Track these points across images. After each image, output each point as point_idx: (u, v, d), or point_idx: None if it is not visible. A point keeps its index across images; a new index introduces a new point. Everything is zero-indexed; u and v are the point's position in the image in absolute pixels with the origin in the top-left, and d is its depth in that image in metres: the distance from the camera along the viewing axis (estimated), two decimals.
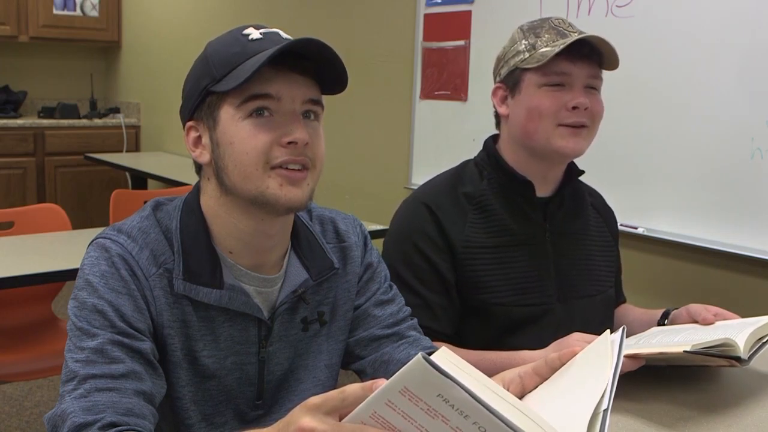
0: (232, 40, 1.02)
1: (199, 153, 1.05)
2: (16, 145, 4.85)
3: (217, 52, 1.02)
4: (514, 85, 1.41)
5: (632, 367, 1.18)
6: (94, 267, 1.00)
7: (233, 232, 1.05)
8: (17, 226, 2.51)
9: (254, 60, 0.97)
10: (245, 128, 0.99)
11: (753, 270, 2.20)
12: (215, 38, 1.06)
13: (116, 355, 0.94)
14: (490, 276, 1.39)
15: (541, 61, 1.35)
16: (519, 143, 1.43)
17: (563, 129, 1.36)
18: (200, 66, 1.04)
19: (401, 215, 1.47)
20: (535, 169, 1.44)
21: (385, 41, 3.37)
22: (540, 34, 1.39)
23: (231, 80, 0.98)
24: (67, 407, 0.90)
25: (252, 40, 1.00)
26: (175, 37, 4.85)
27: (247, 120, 0.99)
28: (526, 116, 1.38)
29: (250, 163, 0.99)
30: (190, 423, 1.07)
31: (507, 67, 1.42)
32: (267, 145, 0.99)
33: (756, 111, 2.12)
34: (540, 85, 1.36)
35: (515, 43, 1.42)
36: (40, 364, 2.32)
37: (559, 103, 1.35)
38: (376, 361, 1.18)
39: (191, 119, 1.05)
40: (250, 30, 1.03)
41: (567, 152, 1.38)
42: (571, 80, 1.36)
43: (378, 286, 1.22)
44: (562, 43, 1.34)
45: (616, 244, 1.61)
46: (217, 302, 1.04)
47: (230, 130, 1.00)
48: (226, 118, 1.00)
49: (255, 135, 0.99)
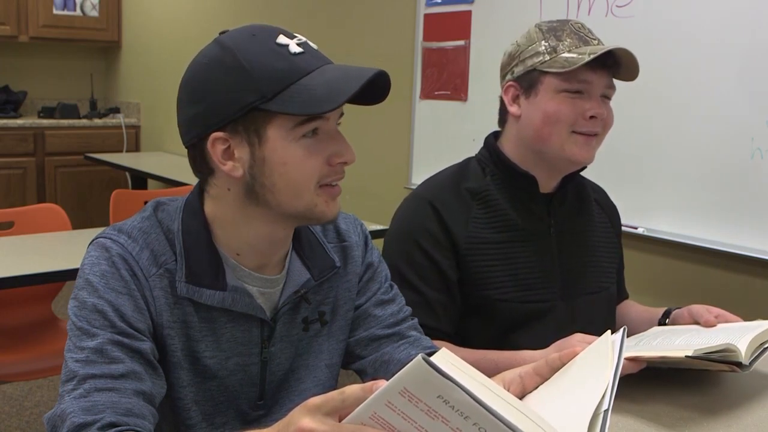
0: (272, 53, 0.97)
1: (231, 167, 0.99)
2: (16, 145, 4.85)
3: (259, 65, 0.96)
4: (530, 86, 1.39)
5: (633, 370, 1.18)
6: (94, 267, 1.00)
7: (245, 236, 1.05)
8: (17, 226, 2.51)
9: (321, 87, 0.95)
10: (300, 149, 0.98)
11: (753, 270, 2.20)
12: (238, 43, 0.98)
13: (116, 355, 0.94)
14: (494, 272, 1.39)
15: (565, 68, 1.33)
16: (527, 145, 1.42)
17: (577, 136, 1.37)
18: (234, 76, 0.96)
19: (403, 212, 1.47)
20: (539, 170, 1.43)
21: (385, 41, 3.37)
22: (561, 37, 1.37)
23: (293, 104, 0.94)
24: (67, 407, 0.90)
25: (294, 54, 0.97)
26: (175, 37, 4.85)
27: (301, 141, 0.98)
28: (542, 120, 1.37)
29: (305, 184, 0.99)
30: (191, 423, 1.07)
31: (523, 66, 1.40)
32: (321, 166, 1.00)
33: (756, 111, 2.12)
34: (559, 91, 1.35)
35: (533, 42, 1.39)
36: (40, 364, 2.32)
37: (576, 111, 1.35)
38: (377, 361, 1.18)
39: (219, 131, 0.98)
40: (283, 39, 0.98)
41: (579, 160, 1.39)
42: (591, 89, 1.36)
43: (379, 285, 1.22)
44: (591, 53, 1.32)
45: (619, 241, 1.61)
46: (220, 304, 1.04)
47: (283, 151, 0.98)
48: (277, 138, 0.97)
49: (309, 157, 0.98)
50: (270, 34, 0.99)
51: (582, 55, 1.33)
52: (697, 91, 2.24)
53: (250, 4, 4.25)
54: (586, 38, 1.37)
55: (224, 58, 0.98)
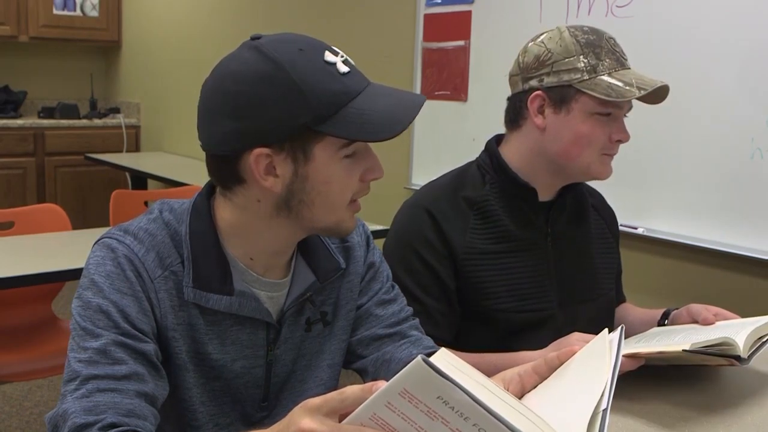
0: (324, 72, 0.96)
1: (272, 183, 0.98)
2: (16, 145, 4.85)
3: (314, 84, 0.94)
4: (562, 101, 1.36)
5: (631, 367, 1.18)
6: (99, 267, 0.99)
7: (262, 244, 1.05)
8: (17, 226, 2.51)
9: (377, 114, 0.96)
10: (342, 169, 0.99)
11: (753, 270, 2.20)
12: (289, 57, 0.95)
13: (119, 356, 0.94)
14: (491, 282, 1.39)
15: (611, 96, 1.31)
16: (546, 157, 1.40)
17: (604, 157, 1.39)
18: (288, 94, 0.94)
19: (401, 220, 1.46)
20: (546, 180, 1.43)
21: (385, 41, 3.37)
22: (600, 55, 1.35)
23: (348, 128, 0.95)
24: (69, 407, 0.90)
25: (343, 74, 0.98)
26: (175, 37, 4.85)
27: (343, 160, 0.99)
28: (573, 140, 1.36)
29: (342, 201, 1.02)
30: (197, 425, 1.07)
31: (556, 77, 1.35)
32: (356, 183, 1.02)
33: (756, 111, 2.12)
34: (593, 113, 1.35)
35: (571, 55, 1.35)
36: (40, 364, 2.32)
37: (606, 134, 1.36)
38: (378, 360, 1.18)
39: (264, 146, 0.96)
40: (330, 57, 0.98)
41: (603, 178, 1.41)
42: (620, 113, 1.38)
43: (380, 285, 1.22)
44: (639, 86, 1.32)
45: (617, 244, 1.61)
46: (227, 309, 1.03)
47: (328, 170, 0.98)
48: (325, 157, 0.97)
49: (350, 175, 1.01)
50: (317, 49, 0.98)
51: (629, 87, 1.32)
52: (697, 91, 2.24)
53: (250, 4, 4.25)
54: (622, 59, 1.37)
55: (276, 74, 0.94)
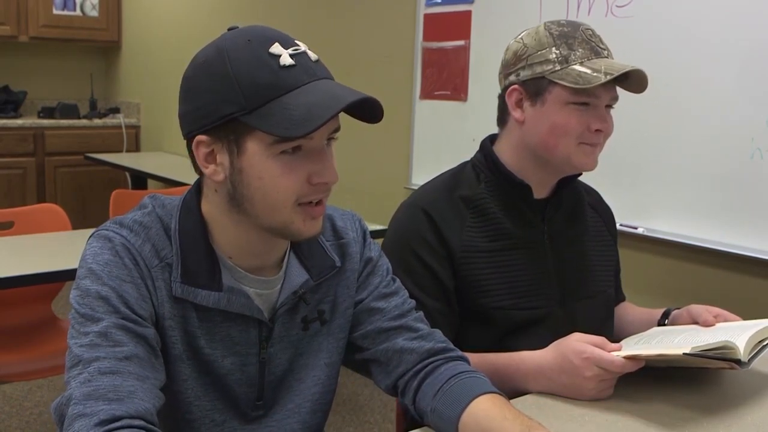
0: (260, 64, 0.94)
1: (213, 171, 0.99)
2: (16, 145, 4.85)
3: (246, 75, 0.94)
4: (537, 93, 1.37)
5: (632, 369, 1.18)
6: (97, 256, 1.00)
7: (234, 240, 1.05)
8: (17, 226, 2.51)
9: (299, 109, 0.92)
10: (277, 165, 0.96)
11: (753, 270, 2.20)
12: (233, 47, 0.96)
13: (120, 339, 0.95)
14: (489, 280, 1.39)
15: (579, 84, 1.31)
16: (530, 149, 1.41)
17: (584, 146, 1.37)
18: (220, 83, 0.95)
19: (399, 221, 1.46)
20: (538, 175, 1.43)
21: (385, 41, 3.37)
22: (573, 45, 1.34)
23: (269, 122, 0.92)
24: (72, 393, 0.91)
25: (283, 66, 0.94)
26: (175, 37, 4.85)
27: (279, 156, 0.96)
28: (549, 131, 1.36)
29: (280, 201, 0.98)
30: (192, 418, 1.07)
31: (530, 70, 1.37)
32: (299, 184, 0.98)
33: (756, 111, 2.12)
34: (567, 103, 1.34)
35: (543, 47, 1.36)
36: (40, 364, 2.32)
37: (584, 123, 1.35)
38: (389, 350, 1.17)
39: (203, 134, 0.98)
40: (277, 48, 0.95)
41: (586, 169, 1.40)
42: (598, 102, 1.36)
43: (380, 279, 1.21)
44: (606, 72, 1.30)
45: (615, 242, 1.61)
46: (215, 305, 1.04)
47: (260, 165, 0.96)
48: (256, 151, 0.96)
49: (287, 174, 0.97)
50: (266, 40, 0.96)
51: (597, 73, 1.31)
52: (697, 91, 2.24)
53: (250, 4, 4.25)
54: (597, 49, 1.35)
55: (214, 62, 0.96)
